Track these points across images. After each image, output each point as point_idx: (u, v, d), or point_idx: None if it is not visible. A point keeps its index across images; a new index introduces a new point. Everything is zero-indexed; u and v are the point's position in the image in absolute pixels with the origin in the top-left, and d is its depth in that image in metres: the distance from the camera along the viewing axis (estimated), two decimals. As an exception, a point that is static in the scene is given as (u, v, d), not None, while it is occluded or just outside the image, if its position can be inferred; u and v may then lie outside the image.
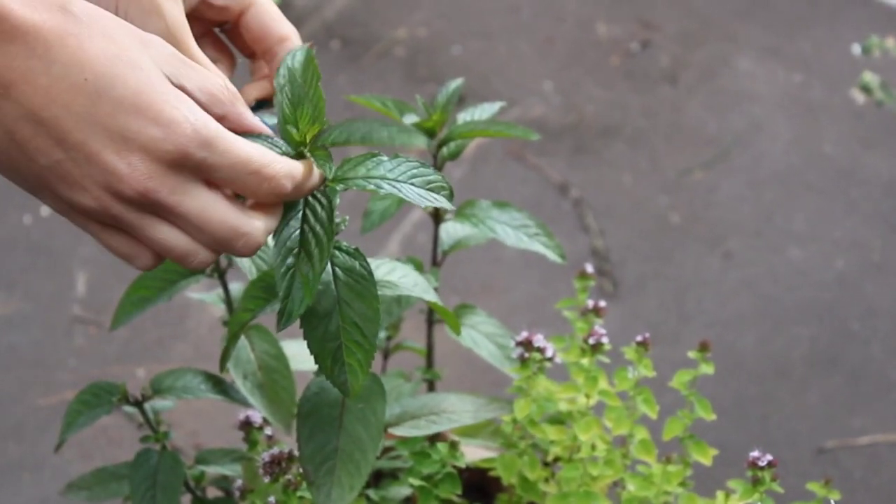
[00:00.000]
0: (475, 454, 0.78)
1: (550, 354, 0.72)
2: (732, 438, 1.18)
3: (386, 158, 0.52)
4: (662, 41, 1.71)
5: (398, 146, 0.52)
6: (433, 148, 0.70)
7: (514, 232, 0.72)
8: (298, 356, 0.75)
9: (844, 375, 1.28)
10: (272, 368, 0.72)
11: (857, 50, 1.69)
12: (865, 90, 1.63)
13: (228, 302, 0.74)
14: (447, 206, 0.52)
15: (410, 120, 0.69)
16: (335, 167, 0.52)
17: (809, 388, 1.27)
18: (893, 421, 1.24)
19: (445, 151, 0.71)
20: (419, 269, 0.70)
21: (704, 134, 1.58)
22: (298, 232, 0.51)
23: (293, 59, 0.53)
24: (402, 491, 0.74)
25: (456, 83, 0.71)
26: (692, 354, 0.74)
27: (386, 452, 0.77)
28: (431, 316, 0.78)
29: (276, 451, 0.66)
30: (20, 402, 1.23)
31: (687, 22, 1.74)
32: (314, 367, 0.63)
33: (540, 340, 0.72)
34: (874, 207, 1.48)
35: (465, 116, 0.72)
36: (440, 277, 0.74)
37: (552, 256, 0.73)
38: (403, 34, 1.67)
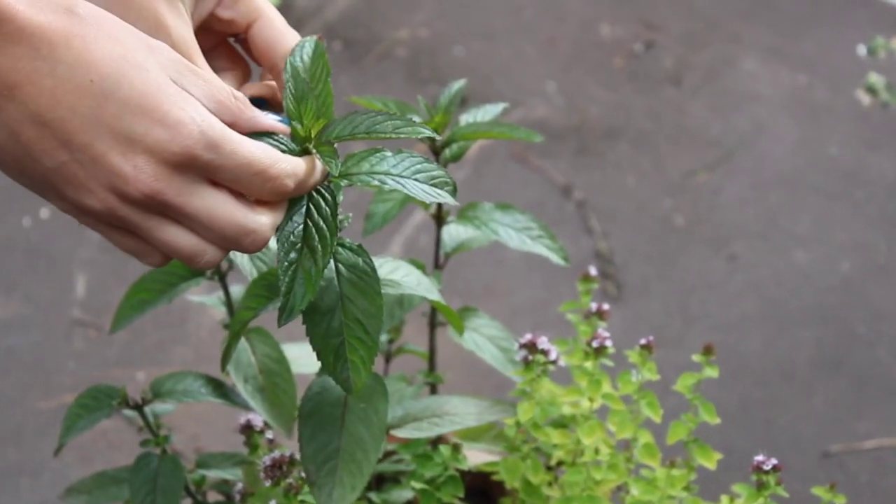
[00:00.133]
0: (478, 458, 0.78)
1: (554, 357, 0.72)
2: (737, 442, 1.18)
3: (390, 154, 0.52)
4: (666, 42, 1.70)
5: (403, 138, 0.52)
6: (437, 149, 0.70)
7: (516, 234, 0.72)
8: (300, 359, 0.75)
9: (850, 379, 1.28)
10: (273, 372, 0.72)
11: (862, 51, 1.69)
12: (871, 91, 1.62)
13: (229, 304, 0.73)
14: (451, 201, 0.52)
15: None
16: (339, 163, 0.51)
17: (814, 391, 1.27)
18: (899, 424, 1.23)
19: (448, 153, 0.70)
20: (421, 271, 0.70)
21: (708, 135, 1.57)
22: (302, 227, 0.51)
23: (301, 52, 0.53)
24: (404, 494, 0.74)
25: (458, 84, 0.71)
26: (696, 357, 0.74)
27: (388, 456, 0.76)
28: (433, 319, 0.78)
29: (277, 454, 0.65)
30: (19, 405, 1.22)
31: (691, 23, 1.73)
32: (315, 370, 0.62)
33: (544, 343, 0.72)
34: (879, 209, 1.48)
35: (467, 118, 0.72)
36: (442, 280, 0.73)
37: (555, 259, 0.72)
38: (405, 35, 1.66)
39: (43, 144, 0.44)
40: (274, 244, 0.68)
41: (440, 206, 0.74)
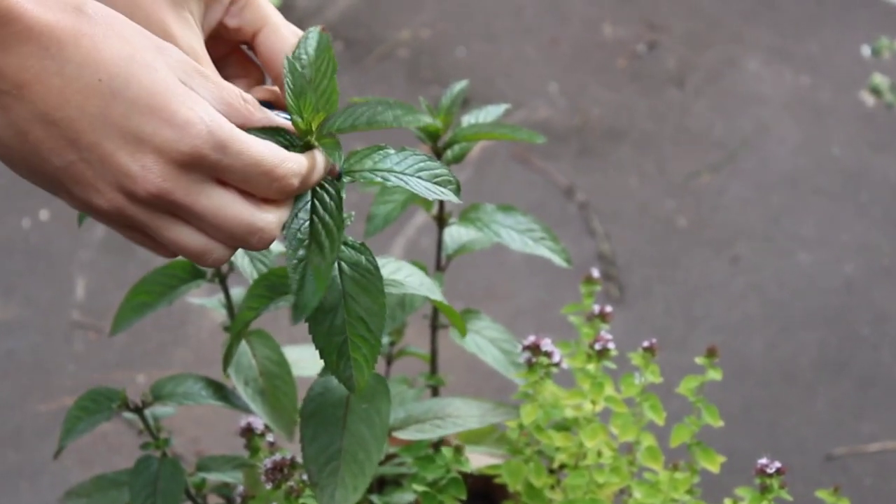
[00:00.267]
0: (480, 461, 0.78)
1: (557, 359, 0.72)
2: (740, 445, 1.17)
3: (393, 151, 0.52)
4: (669, 43, 1.70)
5: (405, 127, 0.52)
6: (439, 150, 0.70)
7: (519, 236, 0.72)
8: (300, 362, 0.75)
9: (853, 381, 1.27)
10: (274, 374, 0.72)
11: (866, 51, 1.68)
12: (875, 92, 1.61)
13: (229, 307, 0.73)
14: (454, 199, 0.52)
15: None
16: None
17: (818, 394, 1.26)
18: (903, 427, 1.23)
19: (450, 154, 0.70)
20: (423, 273, 0.70)
21: (711, 137, 1.57)
22: (308, 223, 0.51)
23: (305, 44, 0.53)
24: (405, 497, 0.73)
25: (460, 85, 0.71)
26: (699, 360, 0.73)
27: (389, 459, 0.76)
28: (435, 321, 0.78)
29: (277, 457, 0.65)
30: (19, 408, 1.22)
31: (694, 23, 1.73)
32: (316, 372, 0.62)
33: (547, 345, 0.72)
34: (884, 211, 1.47)
35: (469, 119, 0.72)
36: (444, 282, 0.73)
37: (558, 261, 0.72)
38: (407, 36, 1.66)
39: (51, 144, 0.44)
40: (274, 245, 0.68)
41: (442, 207, 0.74)
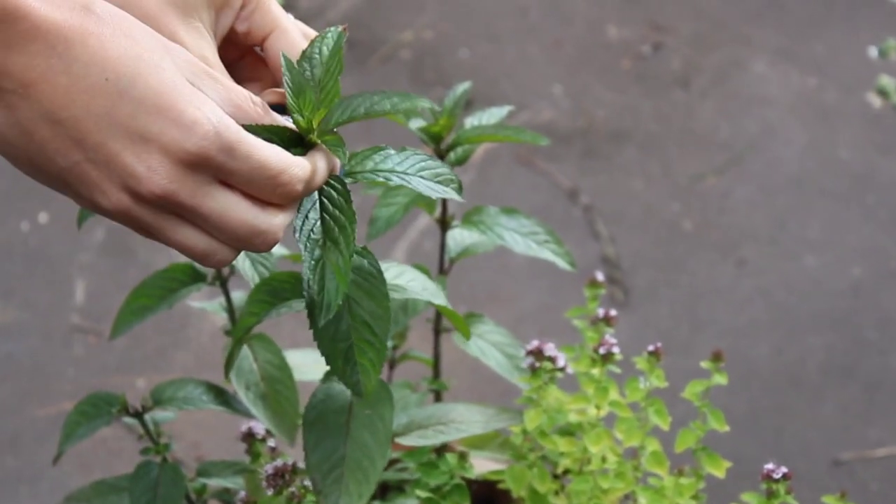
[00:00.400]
0: (484, 466, 0.78)
1: (562, 364, 0.71)
2: (746, 450, 1.17)
3: (393, 152, 0.52)
4: (674, 44, 1.69)
5: (403, 113, 0.52)
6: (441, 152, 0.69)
7: (522, 239, 0.72)
8: (302, 366, 0.74)
9: (861, 386, 1.27)
10: (275, 379, 0.71)
11: (873, 53, 1.68)
12: (882, 94, 1.61)
13: (230, 310, 0.73)
14: (457, 198, 0.52)
15: (416, 124, 0.69)
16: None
17: (825, 398, 1.26)
18: (911, 431, 1.22)
19: (452, 157, 0.70)
20: (426, 276, 0.69)
21: (717, 139, 1.56)
22: (319, 222, 0.51)
23: (321, 43, 0.52)
24: (408, 503, 0.73)
25: (463, 87, 0.71)
26: (705, 364, 0.73)
27: (392, 464, 0.76)
28: (438, 325, 0.77)
29: (279, 463, 0.65)
30: (18, 412, 1.22)
31: (699, 24, 1.72)
32: (318, 377, 0.62)
33: (551, 349, 0.71)
34: (891, 213, 1.46)
35: (472, 121, 0.71)
36: (447, 285, 0.73)
37: (562, 264, 0.72)
38: (409, 37, 1.66)
39: (56, 143, 0.44)
40: (277, 248, 0.68)
41: (445, 210, 0.73)
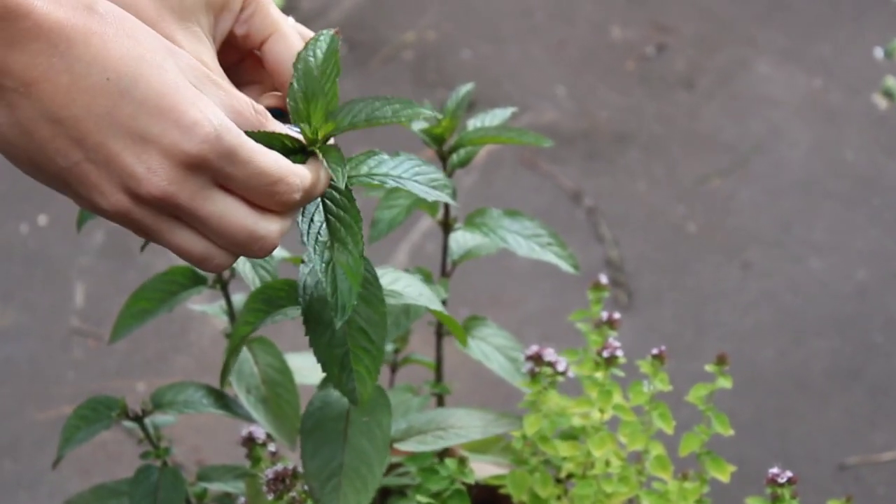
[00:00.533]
0: (485, 471, 0.77)
1: (562, 368, 0.71)
2: (751, 454, 1.16)
3: (387, 157, 0.53)
4: (678, 45, 1.69)
5: (405, 121, 0.52)
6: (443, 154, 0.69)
7: (525, 241, 0.71)
8: (303, 370, 0.74)
9: (866, 389, 1.26)
10: (276, 382, 0.71)
11: (879, 54, 1.67)
12: (888, 95, 1.60)
13: (231, 313, 0.73)
14: (451, 202, 0.52)
15: (419, 126, 0.69)
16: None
17: (830, 402, 1.25)
18: (917, 435, 1.22)
19: (455, 158, 0.70)
20: (428, 279, 0.69)
21: (722, 140, 1.55)
22: (325, 224, 0.51)
23: (315, 47, 0.52)
24: (409, 508, 0.72)
25: (466, 88, 0.70)
26: (709, 368, 0.73)
27: (393, 469, 0.75)
28: (440, 328, 0.77)
29: (279, 467, 0.65)
30: (17, 416, 1.22)
31: (704, 25, 1.72)
32: (319, 380, 0.61)
33: (550, 354, 0.71)
34: (896, 216, 1.46)
35: (475, 122, 0.71)
36: (449, 288, 0.72)
37: (565, 267, 0.72)
38: (412, 38, 1.65)
39: (56, 143, 0.44)
40: (277, 252, 0.67)
41: (447, 212, 0.73)
